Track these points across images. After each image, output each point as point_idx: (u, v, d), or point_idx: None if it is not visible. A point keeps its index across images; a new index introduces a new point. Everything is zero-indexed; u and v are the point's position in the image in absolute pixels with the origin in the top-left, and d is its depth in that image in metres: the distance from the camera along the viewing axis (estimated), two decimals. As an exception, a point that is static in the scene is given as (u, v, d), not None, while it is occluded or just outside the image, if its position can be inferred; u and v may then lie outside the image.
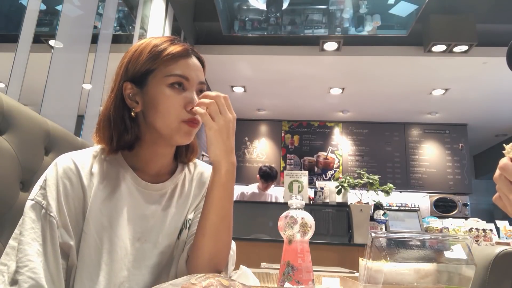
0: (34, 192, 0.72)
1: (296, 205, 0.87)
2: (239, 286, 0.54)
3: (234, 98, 5.09)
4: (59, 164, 0.74)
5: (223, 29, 3.57)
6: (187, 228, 0.86)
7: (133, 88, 0.79)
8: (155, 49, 0.78)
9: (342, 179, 3.15)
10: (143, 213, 0.80)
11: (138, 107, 0.79)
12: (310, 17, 3.55)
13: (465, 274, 0.72)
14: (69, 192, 0.73)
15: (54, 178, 0.72)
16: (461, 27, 3.51)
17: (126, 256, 0.76)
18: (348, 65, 4.12)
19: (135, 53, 0.80)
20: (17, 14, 1.91)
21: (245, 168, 5.71)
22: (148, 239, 0.79)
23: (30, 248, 0.66)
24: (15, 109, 0.86)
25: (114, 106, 0.79)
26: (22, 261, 0.65)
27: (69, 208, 0.72)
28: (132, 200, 0.79)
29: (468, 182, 5.42)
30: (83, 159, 0.78)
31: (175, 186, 0.87)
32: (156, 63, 0.77)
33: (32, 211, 0.69)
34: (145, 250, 0.78)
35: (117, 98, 0.80)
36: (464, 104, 4.93)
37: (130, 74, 0.79)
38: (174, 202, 0.85)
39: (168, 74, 0.77)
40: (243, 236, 2.88)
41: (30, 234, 0.67)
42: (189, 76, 0.79)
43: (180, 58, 0.79)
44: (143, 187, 0.81)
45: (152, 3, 3.03)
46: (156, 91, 0.77)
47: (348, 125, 5.80)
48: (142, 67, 0.78)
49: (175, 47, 0.79)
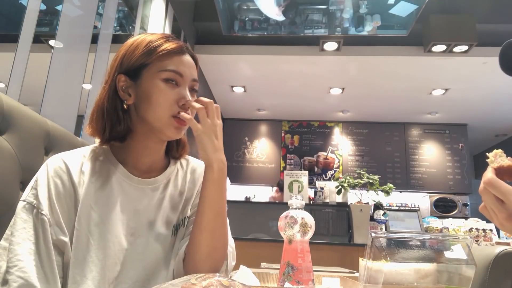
0: (26, 193, 0.73)
1: (296, 205, 0.87)
2: (239, 286, 0.54)
3: (234, 98, 5.09)
4: (50, 165, 0.75)
5: (223, 29, 3.57)
6: (184, 225, 0.86)
7: (126, 81, 0.81)
8: (150, 44, 0.80)
9: (342, 179, 3.15)
10: (135, 208, 0.81)
11: (130, 99, 0.81)
12: (310, 17, 3.55)
13: (465, 274, 0.72)
14: (61, 190, 0.73)
15: (45, 178, 0.73)
16: (461, 27, 3.51)
17: (120, 251, 0.76)
18: (348, 65, 4.12)
19: (131, 47, 0.81)
20: (17, 14, 1.91)
21: (245, 168, 5.71)
22: (142, 234, 0.80)
23: (20, 248, 0.66)
24: (15, 109, 0.86)
25: (108, 97, 0.80)
26: (12, 261, 0.65)
27: (61, 205, 0.73)
28: (124, 195, 0.80)
29: (468, 182, 5.42)
30: (73, 159, 0.79)
31: (167, 181, 0.87)
32: (151, 58, 0.79)
33: (23, 212, 0.70)
34: (139, 245, 0.79)
35: (111, 90, 0.81)
36: (464, 104, 4.93)
37: (125, 67, 0.81)
38: (168, 197, 0.86)
39: (163, 69, 0.79)
40: (243, 236, 2.88)
41: (21, 234, 0.68)
42: (183, 73, 0.81)
43: (174, 55, 0.80)
44: (135, 182, 0.82)
45: (152, 3, 3.03)
46: (150, 85, 0.79)
47: (348, 125, 5.80)
48: (137, 61, 0.80)
49: (170, 44, 0.81)
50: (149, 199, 0.83)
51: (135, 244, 0.78)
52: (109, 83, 0.81)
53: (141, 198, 0.82)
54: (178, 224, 0.85)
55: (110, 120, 0.80)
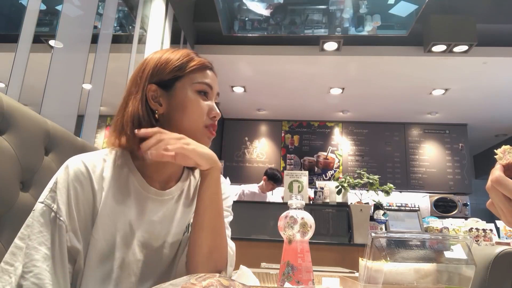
0: (44, 195, 0.72)
1: (296, 205, 0.87)
2: (239, 286, 0.54)
3: (234, 98, 5.09)
4: (70, 167, 0.74)
5: (223, 29, 3.57)
6: (188, 231, 0.87)
7: (157, 90, 0.83)
8: (181, 60, 0.85)
9: (342, 179, 3.15)
10: (150, 219, 0.81)
11: (161, 109, 0.83)
12: (310, 17, 3.55)
13: (465, 274, 0.72)
14: (80, 196, 0.73)
15: (65, 181, 0.72)
16: (461, 27, 3.51)
17: (134, 263, 0.77)
18: (348, 65, 4.12)
19: (161, 59, 0.84)
20: (17, 14, 1.91)
21: (245, 168, 5.71)
22: (155, 245, 0.80)
23: (37, 253, 0.66)
24: (15, 109, 0.86)
25: (141, 106, 0.81)
26: (27, 266, 0.65)
27: (79, 212, 0.72)
28: (141, 206, 0.80)
29: (468, 182, 5.42)
30: (95, 163, 0.78)
31: (181, 192, 0.88)
32: (184, 71, 0.84)
33: (41, 214, 0.69)
34: (152, 256, 0.79)
35: (143, 99, 0.82)
36: (464, 104, 4.93)
37: (156, 79, 0.83)
38: (180, 208, 0.86)
39: (196, 82, 0.84)
40: (243, 236, 2.88)
41: (38, 238, 0.67)
42: (212, 86, 0.87)
43: (204, 69, 0.86)
44: (152, 193, 0.82)
45: (152, 3, 3.03)
46: (184, 95, 0.83)
47: (348, 125, 5.80)
48: (170, 72, 0.83)
49: (198, 60, 0.86)
50: (164, 211, 0.83)
51: (149, 255, 0.79)
52: (140, 93, 0.82)
53: (156, 210, 0.82)
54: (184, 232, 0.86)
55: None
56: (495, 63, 3.84)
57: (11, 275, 0.65)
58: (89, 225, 0.74)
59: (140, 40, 2.89)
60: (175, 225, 0.84)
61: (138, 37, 2.87)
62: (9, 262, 0.67)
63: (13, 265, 0.66)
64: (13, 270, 0.66)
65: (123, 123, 0.81)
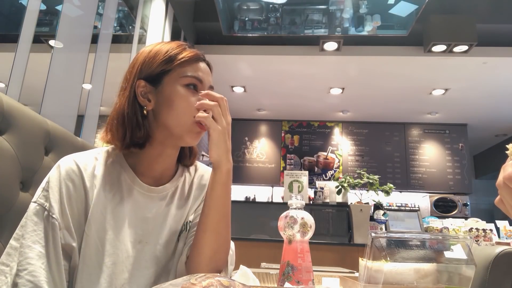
0: (37, 195, 0.72)
1: (296, 205, 0.87)
2: (239, 286, 0.54)
3: (234, 98, 5.09)
4: (62, 166, 0.75)
5: (223, 29, 3.57)
6: (186, 230, 0.86)
7: (146, 86, 0.81)
8: (170, 52, 0.81)
9: (342, 179, 3.15)
10: (144, 216, 0.81)
11: (150, 105, 0.81)
12: (310, 17, 3.55)
13: (465, 274, 0.72)
14: (72, 194, 0.73)
15: (57, 180, 0.73)
16: (461, 27, 3.51)
17: (127, 259, 0.76)
18: (348, 65, 4.12)
19: (150, 53, 0.82)
20: (17, 14, 1.91)
21: (245, 168, 5.71)
22: (149, 241, 0.80)
23: (31, 251, 0.66)
24: (15, 109, 0.86)
25: (128, 103, 0.81)
26: (22, 265, 0.65)
27: (72, 209, 0.73)
28: (133, 203, 0.80)
29: (468, 182, 5.42)
30: (86, 161, 0.78)
31: (175, 189, 0.87)
32: (172, 64, 0.80)
33: (34, 214, 0.70)
34: (146, 252, 0.79)
35: (131, 96, 0.81)
36: (464, 104, 4.93)
37: (144, 74, 0.81)
38: (175, 204, 0.86)
39: (184, 75, 0.80)
40: (243, 236, 2.88)
41: (32, 237, 0.68)
42: (202, 79, 0.83)
43: (194, 62, 0.82)
44: (145, 190, 0.82)
45: (152, 3, 3.03)
46: (172, 90, 0.80)
47: (348, 125, 5.80)
48: (158, 67, 0.80)
49: (189, 52, 0.83)
50: (158, 207, 0.83)
51: (142, 251, 0.79)
52: (128, 89, 0.82)
53: (150, 206, 0.82)
54: (182, 230, 0.86)
55: (130, 126, 0.79)
56: (495, 63, 3.84)
57: (7, 275, 0.66)
58: (83, 222, 0.74)
59: (140, 40, 2.89)
60: (170, 222, 0.83)
61: (138, 37, 2.87)
62: (5, 263, 0.67)
63: (9, 265, 0.67)
64: (9, 270, 0.66)
65: (110, 120, 0.82)
